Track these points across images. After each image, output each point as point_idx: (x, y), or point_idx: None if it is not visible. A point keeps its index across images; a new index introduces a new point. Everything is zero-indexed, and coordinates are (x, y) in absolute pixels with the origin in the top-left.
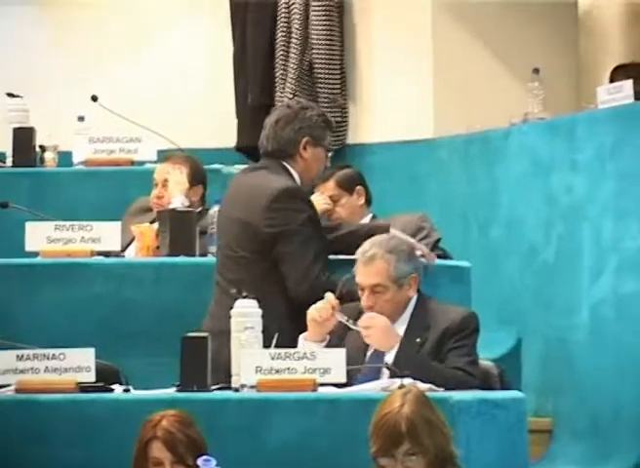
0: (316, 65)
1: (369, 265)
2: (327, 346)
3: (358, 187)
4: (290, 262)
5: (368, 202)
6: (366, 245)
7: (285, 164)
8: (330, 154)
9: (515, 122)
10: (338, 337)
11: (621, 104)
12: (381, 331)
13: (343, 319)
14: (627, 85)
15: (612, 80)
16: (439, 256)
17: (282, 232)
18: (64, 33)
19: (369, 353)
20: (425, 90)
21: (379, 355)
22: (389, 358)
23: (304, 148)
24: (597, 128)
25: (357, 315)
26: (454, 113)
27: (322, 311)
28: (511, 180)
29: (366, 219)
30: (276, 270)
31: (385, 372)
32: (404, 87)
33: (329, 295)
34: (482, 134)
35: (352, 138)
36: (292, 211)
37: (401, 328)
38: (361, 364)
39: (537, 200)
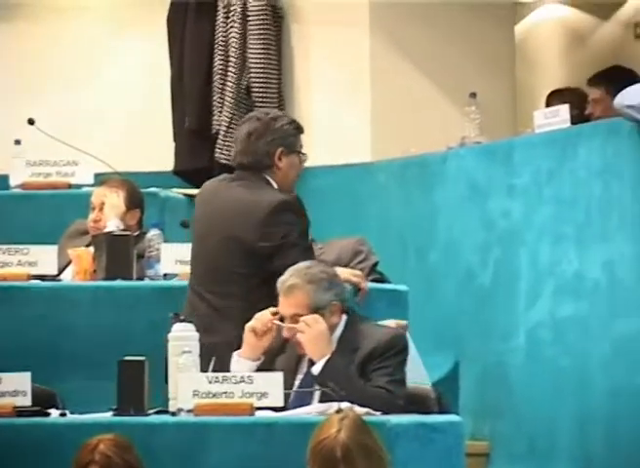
0: (254, 89)
1: (289, 296)
2: (259, 368)
3: None
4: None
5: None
6: (286, 274)
7: (264, 175)
8: (304, 158)
9: (452, 146)
10: (269, 361)
11: (558, 129)
12: (317, 337)
13: (281, 325)
14: (564, 109)
15: (548, 104)
16: (377, 280)
17: (280, 246)
18: (0, 56)
19: (300, 376)
20: (363, 113)
21: (308, 379)
22: (316, 370)
23: (279, 158)
24: (534, 152)
25: (279, 342)
26: (391, 137)
27: (263, 319)
28: (449, 204)
29: None
30: (267, 284)
31: (317, 396)
32: (342, 110)
33: (270, 308)
34: (419, 158)
35: None
36: (288, 224)
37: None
38: (290, 387)
39: (474, 224)
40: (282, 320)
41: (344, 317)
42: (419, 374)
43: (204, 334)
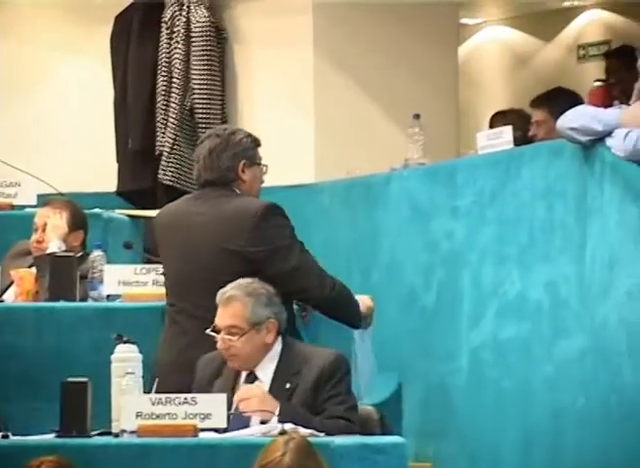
0: (197, 110)
1: (226, 306)
2: (193, 390)
3: None
4: (302, 275)
5: None
6: (227, 287)
7: (232, 188)
8: (265, 169)
9: (396, 167)
10: (206, 385)
11: (501, 150)
12: (260, 400)
13: (215, 336)
14: (507, 131)
15: (491, 126)
16: None
17: (276, 250)
18: None
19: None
20: (307, 134)
21: None
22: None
23: (243, 171)
24: (477, 173)
25: (219, 364)
26: (335, 158)
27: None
28: (392, 225)
29: None
30: None
31: (256, 420)
32: (286, 131)
33: None
34: (363, 179)
35: None
36: (279, 227)
37: (267, 374)
38: (230, 407)
39: (417, 245)
40: (217, 332)
41: (280, 340)
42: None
43: (199, 350)
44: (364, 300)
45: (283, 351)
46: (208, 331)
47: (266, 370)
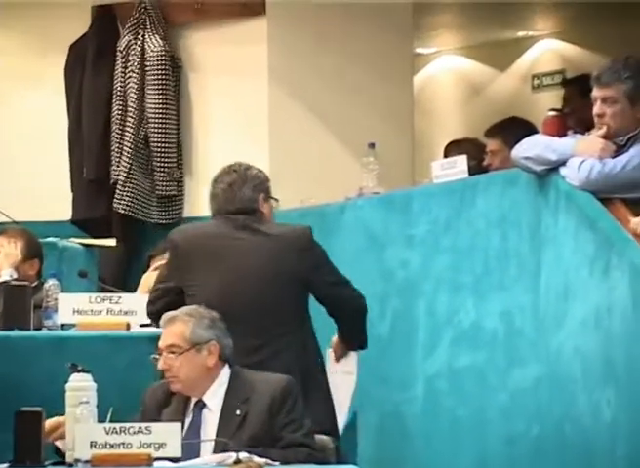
0: (152, 139)
1: (168, 326)
2: (142, 420)
3: None
4: (341, 286)
5: None
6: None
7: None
8: (277, 204)
9: (351, 196)
10: (155, 415)
11: (456, 179)
12: None
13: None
14: (461, 160)
15: (446, 155)
16: None
17: (317, 267)
18: None
19: (188, 420)
20: (262, 163)
21: (196, 426)
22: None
23: (262, 205)
24: (432, 202)
25: (165, 394)
26: (290, 186)
27: None
28: (347, 254)
29: None
30: (305, 308)
31: (206, 449)
32: (241, 160)
33: None
34: (318, 207)
35: (188, 212)
36: (317, 247)
37: (216, 402)
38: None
39: (372, 274)
40: (160, 352)
41: (228, 370)
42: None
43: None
44: None
45: (231, 378)
46: (152, 356)
47: (215, 398)
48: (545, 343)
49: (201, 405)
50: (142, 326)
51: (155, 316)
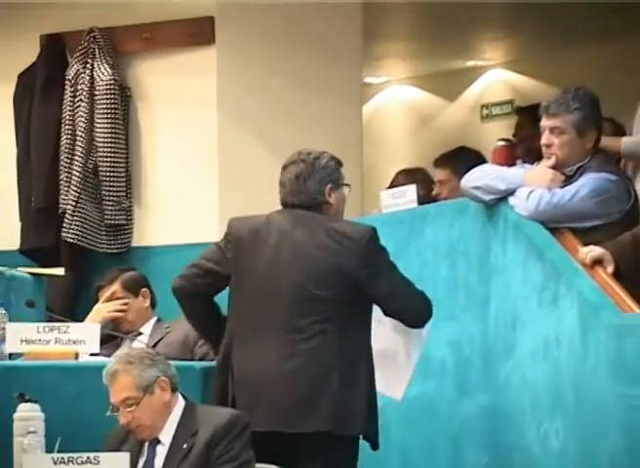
0: (101, 168)
1: (113, 383)
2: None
3: (144, 289)
4: (408, 293)
5: (153, 304)
6: (108, 365)
7: (320, 211)
8: (348, 189)
9: None
10: (115, 450)
11: (405, 209)
12: None
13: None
14: (411, 189)
15: (395, 184)
16: None
17: (380, 271)
18: None
19: (142, 459)
20: (211, 192)
21: (149, 465)
22: None
23: (329, 195)
24: (381, 232)
25: (124, 431)
26: (239, 215)
27: None
28: None
29: (151, 322)
30: (363, 307)
31: None
32: (190, 189)
33: None
34: None
35: (137, 241)
36: (381, 249)
37: (169, 437)
38: None
39: None
40: (116, 410)
41: (182, 402)
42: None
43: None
44: None
45: (183, 412)
46: (108, 412)
47: (168, 434)
48: (494, 373)
49: (155, 441)
50: (92, 355)
51: (184, 294)
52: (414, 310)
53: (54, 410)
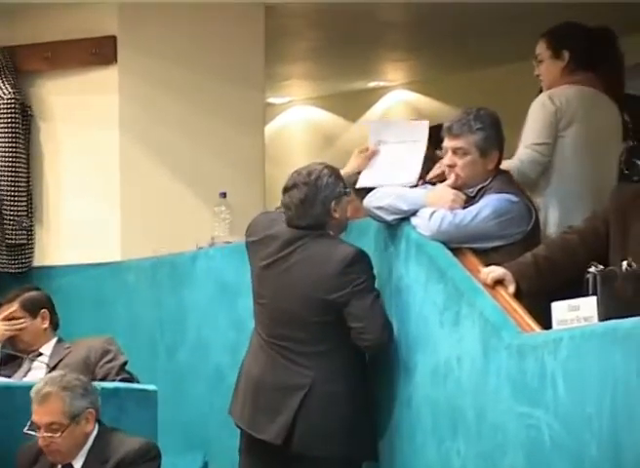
0: (2, 187)
1: (43, 404)
2: None
3: (43, 311)
4: (369, 316)
5: (54, 325)
6: (40, 383)
7: (324, 229)
8: (349, 192)
9: (202, 246)
10: (28, 465)
11: None
12: None
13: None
14: None
15: None
16: (125, 380)
17: (355, 292)
18: None
19: None
20: (113, 212)
21: None
22: None
23: (335, 210)
24: None
25: (36, 451)
26: (141, 236)
27: None
28: (199, 304)
29: (51, 343)
30: (340, 333)
31: None
32: (92, 209)
33: None
34: (169, 257)
35: (39, 261)
36: (361, 272)
37: (80, 461)
38: None
39: (223, 323)
40: (36, 428)
41: (96, 427)
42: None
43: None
44: None
45: (96, 439)
46: (25, 429)
47: (80, 460)
48: (396, 393)
49: (69, 466)
50: None
51: None
52: (378, 329)
53: None
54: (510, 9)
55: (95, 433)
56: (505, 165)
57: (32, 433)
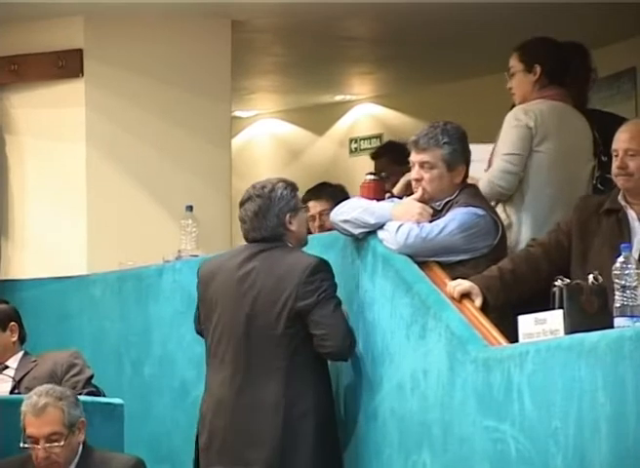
0: None
1: (42, 416)
2: None
3: (12, 324)
4: (332, 323)
5: (21, 339)
6: (33, 396)
7: (282, 241)
8: (307, 208)
9: (169, 259)
10: None
11: None
12: None
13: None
14: None
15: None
16: (91, 394)
17: (318, 301)
18: None
19: None
20: (79, 225)
21: None
22: None
23: (290, 223)
24: None
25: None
26: (108, 249)
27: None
28: (164, 318)
29: (17, 356)
30: (308, 344)
31: None
32: (58, 222)
33: None
34: (135, 270)
35: (4, 274)
36: (324, 280)
37: None
38: None
39: (189, 338)
40: (33, 441)
41: (81, 447)
42: None
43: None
44: None
45: (82, 456)
46: (22, 444)
47: None
48: (362, 406)
49: None
50: None
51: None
52: (340, 336)
53: None
54: (477, 22)
55: (80, 450)
56: (477, 176)
57: (31, 446)
